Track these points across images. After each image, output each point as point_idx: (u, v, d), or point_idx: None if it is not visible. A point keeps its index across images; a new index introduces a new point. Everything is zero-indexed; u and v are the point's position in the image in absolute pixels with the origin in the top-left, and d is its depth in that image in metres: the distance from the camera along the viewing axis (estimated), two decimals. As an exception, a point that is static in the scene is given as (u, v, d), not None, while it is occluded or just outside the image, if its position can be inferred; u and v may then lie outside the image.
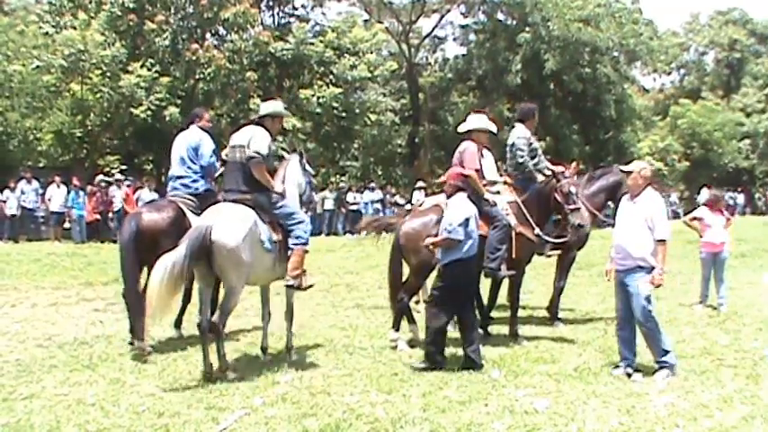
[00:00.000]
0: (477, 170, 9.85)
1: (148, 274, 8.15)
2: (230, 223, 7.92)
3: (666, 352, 8.22)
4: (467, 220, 8.58)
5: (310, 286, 8.99)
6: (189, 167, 10.03)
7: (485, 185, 10.00)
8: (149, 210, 9.83)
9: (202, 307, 8.10)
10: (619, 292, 8.47)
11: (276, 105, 9.22)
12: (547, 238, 10.50)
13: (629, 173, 8.52)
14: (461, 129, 10.25)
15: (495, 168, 10.99)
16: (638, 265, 8.16)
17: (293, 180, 9.15)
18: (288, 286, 8.66)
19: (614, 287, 8.59)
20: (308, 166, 9.55)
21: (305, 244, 8.66)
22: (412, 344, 9.71)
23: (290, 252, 8.57)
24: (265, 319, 9.09)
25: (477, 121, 10.17)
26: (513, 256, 9.88)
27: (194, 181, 10.01)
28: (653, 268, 8.10)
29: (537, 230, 10.19)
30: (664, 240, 8.16)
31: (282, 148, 27.42)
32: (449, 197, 9.10)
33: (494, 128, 10.25)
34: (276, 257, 8.49)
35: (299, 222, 8.69)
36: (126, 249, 9.24)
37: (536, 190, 10.33)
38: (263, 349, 9.07)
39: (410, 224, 9.83)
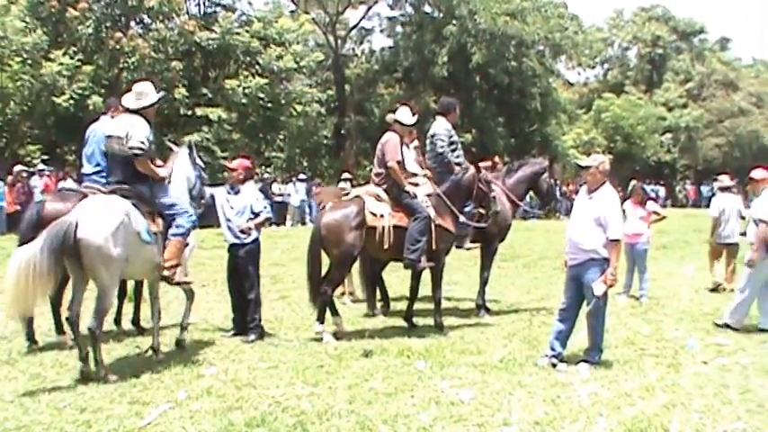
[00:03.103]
0: (398, 162, 9.91)
1: None
2: (97, 218, 7.54)
3: (600, 352, 8.32)
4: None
5: (186, 283, 8.91)
6: (98, 164, 9.48)
7: (406, 177, 10.06)
8: (54, 199, 9.42)
9: (73, 300, 7.81)
10: (570, 285, 8.42)
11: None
12: (471, 223, 10.63)
13: (587, 167, 8.33)
14: (388, 118, 10.38)
15: (416, 160, 11.09)
16: (591, 258, 8.07)
17: (182, 173, 9.01)
18: (162, 277, 8.41)
19: (565, 280, 8.58)
20: (198, 160, 9.38)
21: (183, 235, 8.38)
22: (337, 336, 9.70)
23: (167, 242, 8.29)
24: (155, 318, 8.77)
25: (400, 113, 10.33)
26: (433, 248, 9.96)
27: (106, 175, 9.60)
28: (605, 260, 8.01)
29: (462, 218, 10.29)
30: (617, 240, 8.07)
31: (207, 139, 27.23)
32: (240, 184, 9.77)
33: (412, 120, 10.42)
34: (159, 250, 8.22)
35: (182, 213, 8.43)
36: (25, 239, 8.46)
37: (455, 181, 10.43)
38: (154, 350, 8.70)
39: (331, 215, 9.79)
